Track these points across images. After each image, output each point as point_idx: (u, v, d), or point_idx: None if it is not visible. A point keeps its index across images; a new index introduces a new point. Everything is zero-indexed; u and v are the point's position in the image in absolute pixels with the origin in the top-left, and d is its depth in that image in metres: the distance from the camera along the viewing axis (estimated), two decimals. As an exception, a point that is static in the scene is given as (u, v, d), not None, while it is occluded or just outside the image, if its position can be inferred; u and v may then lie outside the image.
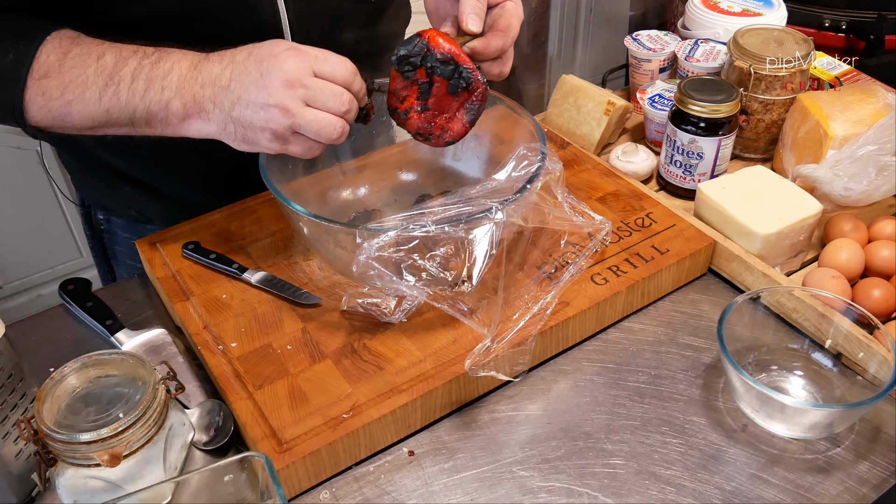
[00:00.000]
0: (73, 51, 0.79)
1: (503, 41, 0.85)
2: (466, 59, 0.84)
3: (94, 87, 0.79)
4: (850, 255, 0.95)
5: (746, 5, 1.29)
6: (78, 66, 0.79)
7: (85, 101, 0.80)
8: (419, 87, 0.86)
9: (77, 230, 2.23)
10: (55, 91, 0.79)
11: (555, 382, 0.88)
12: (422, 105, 0.87)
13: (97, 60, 0.79)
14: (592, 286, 0.91)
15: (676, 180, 1.11)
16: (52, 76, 0.79)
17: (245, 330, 0.88)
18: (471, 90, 0.85)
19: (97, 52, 0.79)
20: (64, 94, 0.80)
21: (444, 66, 0.83)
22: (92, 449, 0.69)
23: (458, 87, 0.84)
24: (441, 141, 0.90)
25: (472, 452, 0.81)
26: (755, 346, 0.88)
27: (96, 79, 0.79)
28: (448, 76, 0.84)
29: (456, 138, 0.89)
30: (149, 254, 0.98)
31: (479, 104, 0.87)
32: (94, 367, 0.75)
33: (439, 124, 0.88)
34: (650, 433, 0.82)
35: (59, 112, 0.81)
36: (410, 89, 0.87)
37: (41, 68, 0.79)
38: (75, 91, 0.79)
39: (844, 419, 0.78)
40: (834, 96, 1.08)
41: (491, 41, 0.84)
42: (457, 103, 0.87)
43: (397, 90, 0.87)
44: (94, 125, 0.82)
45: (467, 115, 0.87)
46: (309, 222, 0.83)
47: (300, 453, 0.75)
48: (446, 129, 0.89)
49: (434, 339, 0.86)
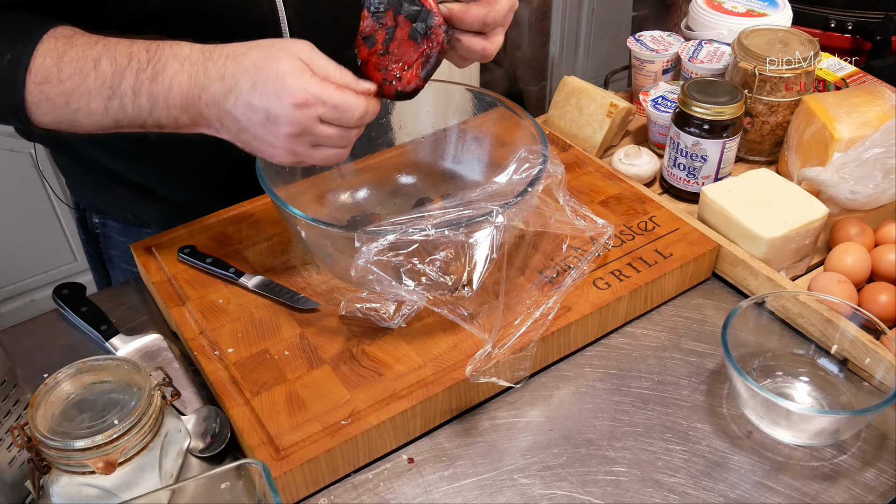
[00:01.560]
0: (69, 54, 0.79)
1: (485, 11, 0.83)
2: (433, 6, 0.81)
3: (98, 99, 0.79)
4: (856, 259, 0.95)
5: (751, 6, 1.29)
6: (76, 73, 0.79)
7: (91, 111, 0.80)
8: (386, 32, 0.84)
9: (71, 234, 2.24)
10: (59, 99, 0.80)
11: (556, 388, 0.88)
12: (384, 49, 0.85)
13: (94, 68, 0.79)
14: (595, 291, 0.92)
15: (680, 183, 1.11)
16: (52, 82, 0.79)
17: (242, 335, 0.88)
18: (430, 37, 0.83)
19: (93, 57, 0.79)
20: (69, 103, 0.80)
21: (410, 5, 0.82)
22: (86, 456, 0.69)
23: (418, 32, 0.82)
24: (391, 89, 0.86)
25: (473, 460, 0.81)
26: (760, 351, 0.88)
27: (99, 90, 0.79)
28: (412, 18, 0.82)
29: (406, 90, 0.85)
30: (144, 258, 0.98)
31: (435, 55, 0.83)
32: (89, 373, 0.75)
33: (393, 71, 0.85)
34: (653, 440, 0.82)
35: (67, 119, 0.81)
36: (378, 33, 0.84)
37: (39, 72, 0.79)
38: (80, 101, 0.80)
39: (851, 426, 0.79)
40: (840, 98, 1.08)
41: (471, 8, 0.83)
42: (416, 53, 0.84)
43: (365, 31, 0.85)
44: (104, 130, 0.83)
45: (423, 67, 0.84)
46: (306, 226, 0.84)
47: (298, 460, 0.75)
48: (399, 77, 0.85)
49: (434, 344, 0.86)
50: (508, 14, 0.86)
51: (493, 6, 0.84)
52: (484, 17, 0.83)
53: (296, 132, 0.77)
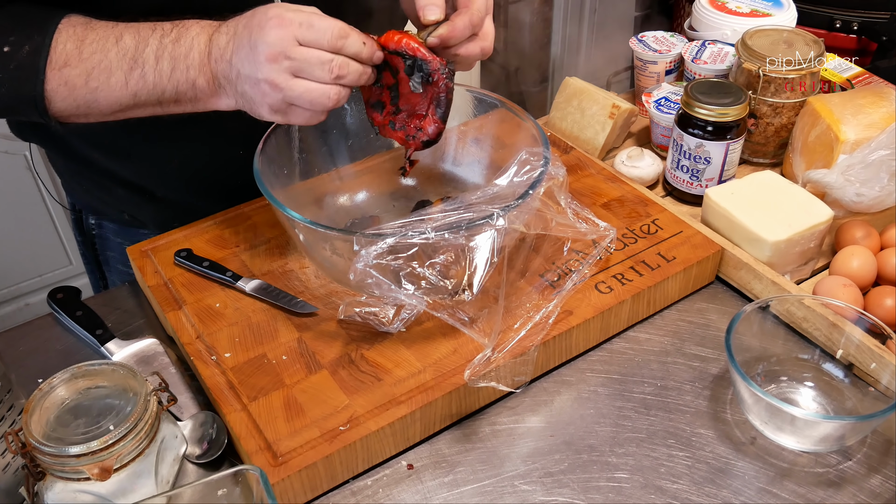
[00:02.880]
0: (90, 36, 0.80)
1: (468, 17, 0.84)
2: (420, 51, 0.83)
3: (118, 72, 0.81)
4: (861, 262, 0.95)
5: (755, 6, 1.29)
6: (98, 51, 0.80)
7: (111, 86, 0.81)
8: (389, 90, 0.86)
9: (66, 237, 2.24)
10: (78, 80, 0.80)
11: (558, 394, 0.88)
12: (395, 108, 0.88)
13: (116, 43, 0.80)
14: (596, 295, 0.92)
15: (683, 186, 1.12)
16: (73, 64, 0.80)
17: (239, 340, 0.88)
18: (433, 83, 0.84)
19: (114, 35, 0.80)
20: (88, 82, 0.81)
21: (402, 60, 0.84)
22: (81, 462, 0.69)
23: (419, 81, 0.84)
24: (418, 143, 0.89)
25: (473, 466, 0.81)
26: (764, 356, 0.88)
27: (120, 63, 0.80)
28: (409, 72, 0.84)
29: (432, 138, 0.89)
30: (140, 261, 0.98)
31: (444, 96, 0.85)
32: (84, 378, 0.75)
33: (413, 125, 0.88)
34: (656, 446, 0.82)
35: (85, 100, 0.82)
36: (383, 95, 0.87)
37: (59, 58, 0.80)
38: (100, 77, 0.81)
39: (856, 431, 0.79)
40: (845, 99, 1.08)
41: (456, 22, 0.83)
42: (426, 100, 0.86)
43: (371, 99, 0.87)
44: (122, 108, 0.84)
45: (437, 111, 0.87)
46: (305, 229, 0.84)
47: (296, 467, 0.75)
48: (420, 129, 0.88)
49: (433, 349, 0.86)
50: (487, 3, 0.86)
51: (470, 7, 0.84)
52: (470, 22, 0.84)
53: (272, 53, 0.77)
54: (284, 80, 0.78)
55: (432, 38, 0.83)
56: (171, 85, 0.81)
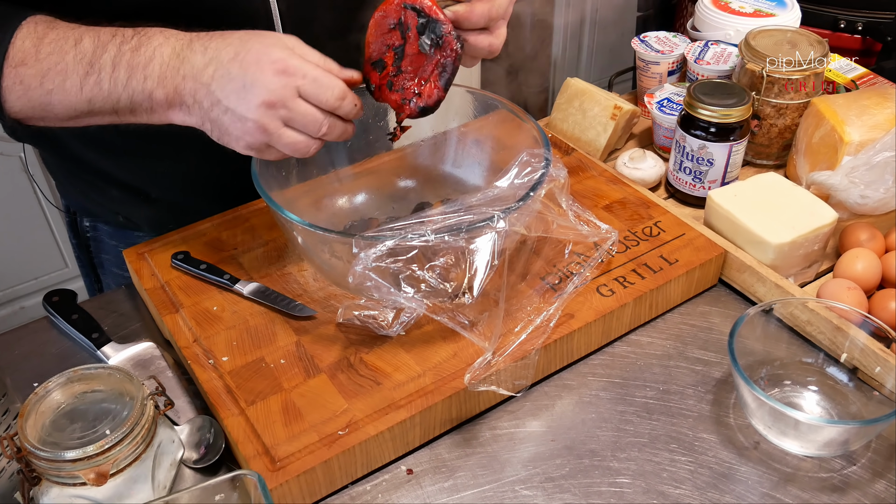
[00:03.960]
0: (49, 35, 0.79)
1: (488, 6, 0.84)
2: (439, 13, 0.82)
3: (74, 76, 0.79)
4: (866, 265, 0.95)
5: (758, 6, 1.29)
6: (55, 52, 0.79)
7: (66, 90, 0.80)
8: (395, 52, 0.85)
9: (62, 239, 2.24)
10: (33, 80, 0.79)
11: (559, 398, 0.88)
12: (396, 69, 0.86)
13: (75, 46, 0.79)
14: (598, 298, 0.92)
15: (686, 188, 1.12)
16: (29, 63, 0.79)
17: (237, 343, 0.88)
18: (442, 46, 0.83)
19: (74, 37, 0.79)
20: (43, 83, 0.79)
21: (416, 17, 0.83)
22: (77, 467, 0.69)
23: (427, 43, 0.83)
24: (414, 109, 0.87)
25: (473, 471, 0.81)
26: (768, 360, 0.89)
27: (76, 66, 0.79)
28: (420, 30, 0.83)
29: (429, 104, 0.87)
30: (136, 264, 0.98)
31: (451, 62, 0.84)
32: (80, 382, 0.76)
33: (412, 88, 0.86)
34: (658, 451, 0.82)
35: (40, 102, 0.81)
36: (387, 54, 0.86)
37: (17, 55, 0.78)
38: (55, 80, 0.79)
39: (860, 436, 0.79)
40: (850, 100, 1.08)
41: (475, 6, 0.83)
42: (430, 65, 0.85)
43: (373, 57, 0.86)
44: (77, 115, 0.82)
45: (441, 77, 0.85)
46: (303, 231, 0.84)
47: (294, 472, 0.75)
48: (418, 94, 0.86)
49: (433, 352, 0.86)
50: (509, 6, 0.87)
51: (493, 1, 0.84)
52: (488, 13, 0.84)
53: (271, 101, 0.77)
54: (276, 128, 0.79)
55: (448, 12, 0.83)
56: (126, 94, 0.80)
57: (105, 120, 0.83)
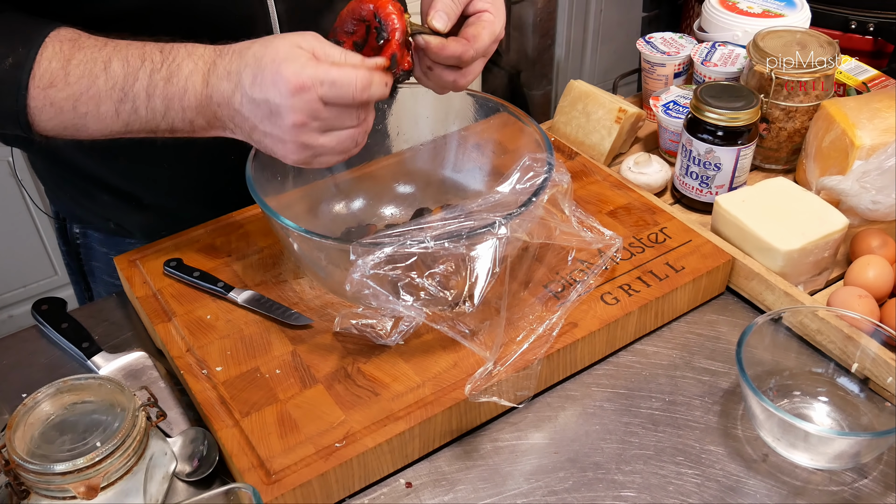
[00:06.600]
0: (77, 57, 0.80)
1: (462, 49, 0.85)
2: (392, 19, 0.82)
3: (108, 102, 0.81)
4: (877, 272, 0.95)
5: (767, 6, 1.30)
6: (85, 76, 0.80)
7: (101, 115, 0.81)
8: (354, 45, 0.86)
9: (51, 246, 2.24)
10: (65, 103, 0.81)
11: (562, 409, 0.88)
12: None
13: (105, 70, 0.80)
14: (602, 306, 0.92)
15: (692, 193, 1.12)
16: (59, 86, 0.80)
17: (231, 353, 0.88)
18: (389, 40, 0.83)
19: (102, 59, 0.80)
20: (77, 107, 0.81)
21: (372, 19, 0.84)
22: (67, 480, 0.70)
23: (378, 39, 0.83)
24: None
25: (474, 484, 0.81)
26: (776, 370, 0.89)
27: (109, 93, 0.80)
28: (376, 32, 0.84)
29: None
30: (128, 271, 0.98)
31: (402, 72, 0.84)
32: (70, 392, 0.76)
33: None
34: (664, 463, 0.82)
35: (73, 123, 0.82)
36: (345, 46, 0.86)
37: (45, 76, 0.80)
38: (88, 105, 0.81)
39: (872, 448, 0.79)
40: (861, 103, 1.08)
41: (449, 45, 0.85)
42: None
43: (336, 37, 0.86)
44: (113, 135, 0.84)
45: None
46: (299, 238, 0.84)
47: (290, 485, 0.75)
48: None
49: (433, 362, 0.86)
50: (491, 46, 0.88)
51: (473, 44, 0.86)
52: (461, 55, 0.86)
53: (300, 120, 0.78)
54: (314, 140, 0.80)
55: (419, 39, 0.84)
56: (166, 123, 0.82)
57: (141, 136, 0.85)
